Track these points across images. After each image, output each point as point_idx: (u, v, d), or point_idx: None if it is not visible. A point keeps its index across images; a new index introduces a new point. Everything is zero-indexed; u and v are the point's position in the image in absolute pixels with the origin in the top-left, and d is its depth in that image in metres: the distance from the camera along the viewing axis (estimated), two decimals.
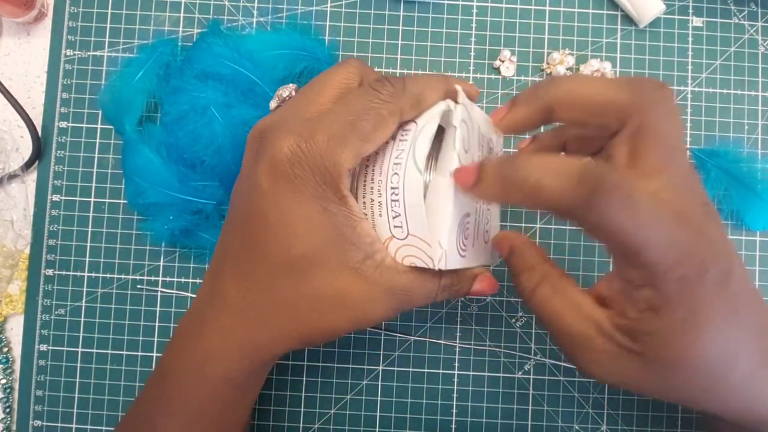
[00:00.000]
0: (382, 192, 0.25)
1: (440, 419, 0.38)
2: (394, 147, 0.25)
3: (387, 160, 0.25)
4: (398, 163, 0.24)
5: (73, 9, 0.39)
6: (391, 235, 0.25)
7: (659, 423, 0.38)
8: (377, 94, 0.24)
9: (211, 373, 0.27)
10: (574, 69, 0.39)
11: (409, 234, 0.24)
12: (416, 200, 0.24)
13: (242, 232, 0.27)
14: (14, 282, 0.38)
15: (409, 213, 0.24)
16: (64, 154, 0.39)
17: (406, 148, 0.25)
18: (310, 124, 0.25)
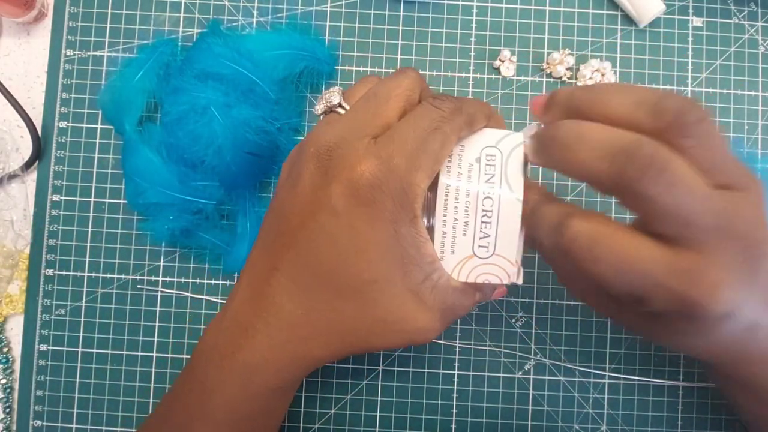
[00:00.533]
0: (470, 213, 0.26)
1: (440, 419, 0.38)
2: (481, 171, 0.26)
3: (475, 183, 0.26)
4: (490, 187, 0.26)
5: (73, 9, 0.39)
6: (472, 254, 0.26)
7: (659, 423, 0.38)
8: (440, 112, 0.25)
9: (259, 383, 0.27)
10: (574, 69, 0.39)
11: (495, 254, 0.26)
12: (513, 225, 0.26)
13: (301, 249, 0.26)
14: (14, 282, 0.38)
15: (500, 236, 0.26)
16: (64, 154, 0.39)
17: (496, 173, 0.26)
18: (385, 145, 0.24)
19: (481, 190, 0.26)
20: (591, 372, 0.38)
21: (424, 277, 0.26)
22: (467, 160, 0.26)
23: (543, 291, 0.38)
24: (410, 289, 0.26)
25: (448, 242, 0.26)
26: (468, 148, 0.27)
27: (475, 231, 0.26)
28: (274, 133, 0.36)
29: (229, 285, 0.38)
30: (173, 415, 0.29)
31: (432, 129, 0.25)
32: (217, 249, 0.37)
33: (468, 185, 0.26)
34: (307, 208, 0.26)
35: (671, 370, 0.38)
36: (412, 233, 0.25)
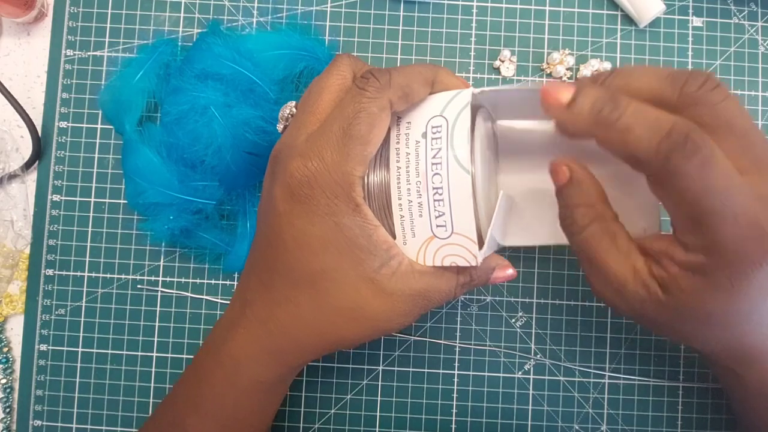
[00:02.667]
0: (422, 192, 0.25)
1: (440, 419, 0.38)
2: (428, 146, 0.25)
3: (423, 160, 0.25)
4: (437, 162, 0.24)
5: (73, 9, 0.39)
6: (432, 235, 0.25)
7: (659, 423, 0.38)
8: (363, 92, 0.24)
9: (244, 377, 0.28)
10: (574, 69, 0.39)
11: (453, 233, 0.25)
12: (465, 200, 0.24)
13: (264, 250, 0.28)
14: (14, 282, 0.38)
15: (455, 212, 0.24)
16: (64, 154, 0.39)
17: (443, 146, 0.24)
18: (312, 141, 0.25)
19: (429, 167, 0.25)
20: (591, 372, 0.38)
21: (381, 264, 0.25)
22: (414, 137, 0.25)
23: (543, 291, 0.38)
24: (365, 277, 0.25)
25: (407, 225, 0.25)
26: (414, 124, 0.25)
27: (430, 211, 0.25)
28: (274, 133, 0.36)
29: (229, 285, 0.38)
30: (170, 408, 0.31)
31: (356, 112, 0.24)
32: (217, 249, 0.37)
33: (417, 163, 0.25)
34: (261, 210, 0.28)
35: (671, 370, 0.38)
36: (357, 222, 0.25)
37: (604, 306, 0.38)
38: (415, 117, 0.26)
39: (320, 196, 0.25)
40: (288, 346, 0.28)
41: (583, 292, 0.38)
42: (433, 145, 0.25)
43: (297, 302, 0.27)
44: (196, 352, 0.31)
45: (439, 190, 0.24)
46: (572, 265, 0.38)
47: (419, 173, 0.25)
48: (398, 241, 0.26)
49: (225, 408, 0.29)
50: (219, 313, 0.38)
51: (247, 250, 0.36)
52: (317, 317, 0.26)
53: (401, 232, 0.26)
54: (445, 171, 0.24)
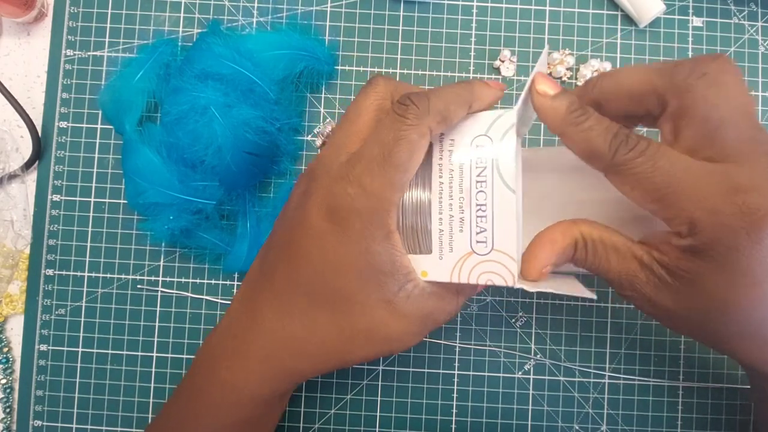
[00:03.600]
0: (464, 208, 0.26)
1: (440, 419, 0.38)
2: (472, 164, 0.26)
3: (467, 177, 0.26)
4: (482, 180, 0.25)
5: (73, 9, 0.39)
6: (470, 251, 0.26)
7: (659, 423, 0.38)
8: (403, 120, 0.25)
9: (244, 392, 0.28)
10: (574, 69, 0.39)
11: (494, 249, 0.25)
12: (509, 218, 0.25)
13: (283, 262, 0.28)
14: (14, 282, 0.38)
15: (497, 229, 0.25)
16: (64, 154, 0.39)
17: (487, 165, 0.25)
18: (351, 165, 0.25)
19: (474, 184, 0.25)
20: (591, 372, 0.38)
21: (399, 288, 0.26)
22: (458, 154, 0.26)
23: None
24: (384, 300, 0.26)
25: (445, 240, 0.26)
26: (458, 142, 0.26)
27: (471, 226, 0.25)
28: (274, 133, 0.36)
29: (229, 285, 0.38)
30: (170, 418, 0.31)
31: (396, 140, 0.25)
32: (217, 249, 0.37)
33: (461, 180, 0.26)
34: (288, 226, 0.28)
35: (671, 370, 0.38)
36: (386, 249, 0.25)
37: (604, 306, 0.38)
38: (459, 136, 0.26)
39: (356, 221, 0.25)
40: (298, 363, 0.28)
41: None
42: (479, 164, 0.26)
43: (314, 318, 0.27)
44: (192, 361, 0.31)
45: (483, 207, 0.25)
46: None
47: (462, 189, 0.26)
48: (434, 255, 0.26)
49: (223, 421, 0.29)
50: (219, 313, 0.38)
51: (247, 251, 0.36)
52: (334, 336, 0.27)
53: (438, 247, 0.26)
54: (489, 189, 0.25)
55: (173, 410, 0.31)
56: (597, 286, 0.38)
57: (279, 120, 0.36)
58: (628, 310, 0.38)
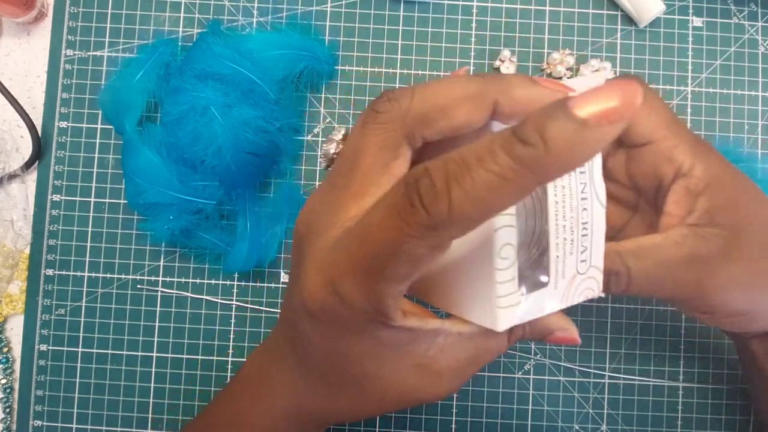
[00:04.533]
0: (573, 229, 0.23)
1: (440, 419, 0.38)
2: (577, 180, 0.23)
3: (575, 196, 0.23)
4: (585, 198, 0.23)
5: (73, 9, 0.39)
6: (576, 273, 0.24)
7: (659, 423, 0.38)
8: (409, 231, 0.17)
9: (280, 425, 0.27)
10: (574, 69, 0.39)
11: (591, 266, 0.24)
12: (601, 233, 0.24)
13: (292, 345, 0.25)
14: (14, 282, 0.38)
15: (594, 246, 0.24)
16: (64, 154, 0.39)
17: (587, 181, 0.24)
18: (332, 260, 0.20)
19: (579, 202, 0.23)
20: (591, 372, 0.38)
21: (428, 347, 0.22)
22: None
23: None
24: (413, 365, 0.23)
25: (560, 266, 0.23)
26: None
27: (577, 247, 0.23)
28: (274, 133, 0.36)
29: (229, 285, 0.38)
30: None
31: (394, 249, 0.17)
32: (217, 249, 0.37)
33: (571, 198, 0.23)
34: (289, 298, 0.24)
35: (671, 370, 0.38)
36: (399, 330, 0.21)
37: (604, 306, 0.38)
38: None
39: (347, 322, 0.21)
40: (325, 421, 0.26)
41: None
42: (581, 179, 0.23)
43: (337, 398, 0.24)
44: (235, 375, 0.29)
45: (586, 226, 0.23)
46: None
47: (572, 209, 0.23)
48: (550, 286, 0.23)
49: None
50: (219, 313, 0.38)
51: (247, 251, 0.36)
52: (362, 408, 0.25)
53: (555, 275, 0.23)
54: (590, 206, 0.23)
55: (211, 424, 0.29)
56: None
57: (279, 120, 0.36)
58: (628, 310, 0.38)
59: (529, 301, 0.23)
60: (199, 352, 0.38)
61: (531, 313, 0.23)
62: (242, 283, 0.38)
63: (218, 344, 0.38)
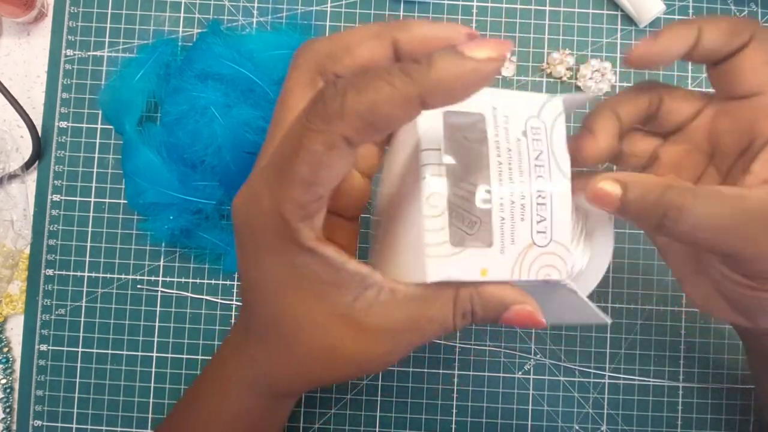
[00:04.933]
0: (525, 194, 0.23)
1: (440, 419, 0.38)
2: (530, 146, 0.23)
3: (526, 160, 0.23)
4: (541, 165, 0.23)
5: (73, 9, 0.39)
6: (531, 242, 0.23)
7: (659, 423, 0.38)
8: (308, 125, 0.19)
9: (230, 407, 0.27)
10: (574, 69, 0.39)
11: (552, 240, 0.23)
12: (565, 206, 0.23)
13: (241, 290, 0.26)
14: (14, 282, 0.38)
15: (555, 218, 0.23)
16: (64, 154, 0.39)
17: (544, 150, 0.23)
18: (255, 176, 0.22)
19: (533, 168, 0.23)
20: (591, 372, 0.38)
21: (354, 297, 0.22)
22: (514, 134, 0.23)
23: None
24: (336, 314, 0.22)
25: (507, 230, 0.23)
26: (511, 120, 0.23)
27: (532, 214, 0.23)
28: None
29: (229, 285, 0.38)
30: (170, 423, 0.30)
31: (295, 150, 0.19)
32: (217, 249, 0.37)
33: (520, 162, 0.23)
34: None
35: (671, 370, 0.38)
36: (315, 260, 0.21)
37: (604, 306, 0.38)
38: (511, 113, 0.24)
39: (262, 238, 0.21)
40: (268, 382, 0.26)
41: None
42: (535, 146, 0.23)
43: (266, 342, 0.24)
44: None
45: (542, 194, 0.23)
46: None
47: (522, 172, 0.23)
48: (494, 248, 0.22)
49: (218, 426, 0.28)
50: (219, 313, 0.38)
51: None
52: (289, 360, 0.24)
53: (500, 238, 0.22)
54: (548, 174, 0.23)
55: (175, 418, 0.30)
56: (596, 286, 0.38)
57: None
58: (628, 310, 0.38)
59: (464, 257, 0.22)
60: (199, 352, 0.38)
61: (467, 272, 0.22)
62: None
63: (218, 344, 0.38)
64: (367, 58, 0.22)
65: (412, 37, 0.22)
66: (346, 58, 0.22)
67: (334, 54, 0.22)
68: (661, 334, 0.38)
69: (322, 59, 0.22)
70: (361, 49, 0.22)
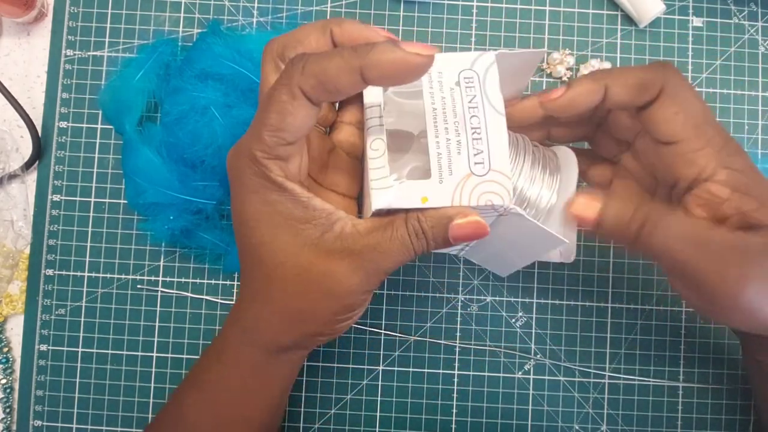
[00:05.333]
0: (460, 132, 0.26)
1: (440, 419, 0.38)
2: (463, 93, 0.27)
3: (459, 104, 0.27)
4: (474, 106, 0.27)
5: (73, 9, 0.39)
6: (469, 172, 0.26)
7: (659, 423, 0.38)
8: (278, 82, 0.24)
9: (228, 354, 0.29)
10: (574, 69, 0.39)
11: (491, 170, 0.26)
12: (501, 138, 0.26)
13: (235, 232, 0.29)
14: (14, 282, 0.38)
15: (493, 150, 0.26)
16: (64, 154, 0.39)
17: (477, 94, 0.27)
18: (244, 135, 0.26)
19: (467, 110, 0.27)
20: (591, 372, 0.38)
21: (322, 231, 0.25)
22: (447, 84, 0.27)
23: (543, 291, 0.38)
24: (307, 244, 0.25)
25: (444, 163, 0.26)
26: (445, 74, 0.27)
27: (468, 148, 0.26)
28: None
29: (229, 285, 0.38)
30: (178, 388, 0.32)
31: (268, 99, 0.24)
32: (217, 249, 0.37)
33: (453, 106, 0.27)
34: None
35: (671, 370, 0.38)
36: (285, 197, 0.25)
37: (604, 306, 0.38)
38: (445, 68, 0.27)
39: (241, 176, 0.25)
40: (260, 328, 0.28)
41: (583, 292, 0.38)
42: (468, 92, 0.27)
43: (253, 278, 0.27)
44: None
45: (478, 130, 0.26)
46: (572, 265, 0.38)
47: (456, 114, 0.26)
48: (433, 179, 0.26)
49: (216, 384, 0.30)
50: (219, 313, 0.38)
51: None
52: (271, 290, 0.27)
53: (437, 170, 0.26)
54: (482, 113, 0.26)
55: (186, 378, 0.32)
56: (596, 286, 0.38)
57: None
58: (628, 310, 0.38)
59: (404, 187, 0.26)
60: (199, 352, 0.38)
61: (409, 200, 0.26)
62: None
63: None
64: (314, 47, 0.27)
65: (343, 31, 0.27)
66: (298, 46, 0.27)
67: (290, 45, 0.27)
68: (661, 334, 0.38)
69: (281, 49, 0.27)
70: (309, 39, 0.27)
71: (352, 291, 0.26)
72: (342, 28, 0.27)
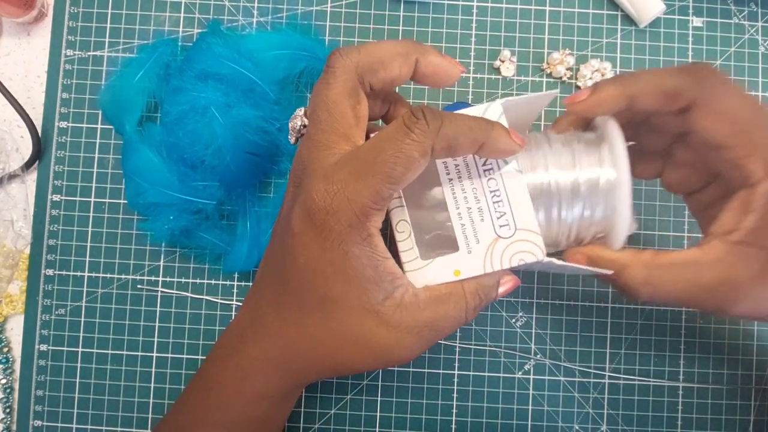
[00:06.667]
0: (479, 198, 0.26)
1: (440, 419, 0.38)
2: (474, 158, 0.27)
3: (474, 168, 0.26)
4: (489, 168, 0.26)
5: (73, 9, 0.39)
6: (496, 237, 0.26)
7: (659, 423, 0.38)
8: (409, 133, 0.23)
9: (250, 389, 0.29)
10: (574, 69, 0.39)
11: (517, 229, 0.26)
12: (523, 196, 0.26)
13: (278, 266, 0.28)
14: (14, 282, 0.38)
15: (515, 209, 0.26)
16: (64, 154, 0.39)
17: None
18: (340, 167, 0.25)
19: (482, 173, 0.26)
20: (591, 372, 0.38)
21: (385, 296, 0.25)
22: None
23: (543, 291, 0.38)
24: (369, 309, 0.25)
25: (469, 233, 0.26)
26: None
27: (491, 213, 0.26)
28: (274, 133, 0.36)
29: (229, 285, 0.38)
30: (179, 415, 0.31)
31: (396, 152, 0.23)
32: (217, 249, 0.37)
33: (468, 172, 0.26)
34: (280, 232, 0.28)
35: (671, 370, 0.38)
36: (366, 252, 0.25)
37: (604, 306, 0.38)
38: None
39: (335, 224, 0.24)
40: (296, 364, 0.28)
41: (583, 292, 0.38)
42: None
43: (305, 323, 0.27)
44: (205, 358, 0.31)
45: (497, 192, 0.26)
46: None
47: (473, 181, 0.26)
48: (461, 251, 0.26)
49: (231, 417, 0.29)
50: (219, 313, 0.38)
51: (248, 251, 0.36)
52: (325, 340, 0.27)
53: (464, 241, 0.26)
54: (498, 174, 0.26)
55: (185, 406, 0.31)
56: (596, 286, 0.38)
57: (279, 120, 0.36)
58: (628, 310, 0.38)
59: (435, 265, 0.26)
60: (199, 352, 0.38)
61: (442, 276, 0.26)
62: (242, 283, 0.38)
63: None
64: (396, 74, 0.26)
65: (428, 63, 0.27)
66: (381, 72, 0.26)
67: (372, 67, 0.26)
68: (661, 334, 0.38)
69: (362, 71, 0.26)
70: (393, 65, 0.26)
71: (402, 361, 0.27)
72: (427, 60, 0.27)
